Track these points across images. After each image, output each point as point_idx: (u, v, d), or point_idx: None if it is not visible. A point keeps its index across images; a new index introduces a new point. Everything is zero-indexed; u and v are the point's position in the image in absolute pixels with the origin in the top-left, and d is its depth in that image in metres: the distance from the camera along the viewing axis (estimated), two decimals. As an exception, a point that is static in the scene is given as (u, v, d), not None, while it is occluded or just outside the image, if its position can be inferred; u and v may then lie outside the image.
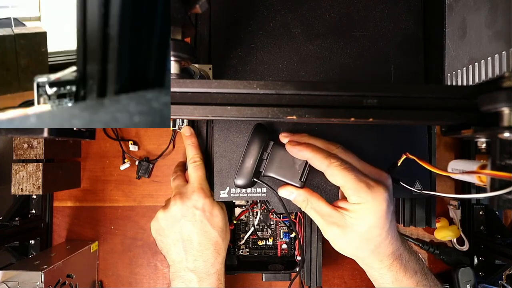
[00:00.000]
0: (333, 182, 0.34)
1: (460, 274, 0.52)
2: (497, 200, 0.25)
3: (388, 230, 0.33)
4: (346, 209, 0.34)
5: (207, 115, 0.27)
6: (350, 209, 0.33)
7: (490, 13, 0.31)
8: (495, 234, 0.51)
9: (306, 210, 0.37)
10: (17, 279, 0.41)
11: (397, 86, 0.27)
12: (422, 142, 0.45)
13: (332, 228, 0.34)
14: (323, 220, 0.35)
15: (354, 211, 0.33)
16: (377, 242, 0.33)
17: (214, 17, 0.46)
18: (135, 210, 0.56)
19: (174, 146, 0.56)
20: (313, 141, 0.37)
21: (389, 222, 0.33)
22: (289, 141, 0.37)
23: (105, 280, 0.56)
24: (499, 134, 0.24)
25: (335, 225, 0.34)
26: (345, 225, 0.33)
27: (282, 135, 0.39)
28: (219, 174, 0.43)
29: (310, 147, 0.35)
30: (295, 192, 0.37)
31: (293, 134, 0.39)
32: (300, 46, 0.45)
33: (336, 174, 0.33)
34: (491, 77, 0.29)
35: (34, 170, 0.48)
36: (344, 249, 0.35)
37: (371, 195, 0.32)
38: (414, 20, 0.46)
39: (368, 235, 0.33)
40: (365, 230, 0.33)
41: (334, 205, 0.35)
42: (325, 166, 0.34)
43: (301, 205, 0.37)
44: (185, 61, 0.31)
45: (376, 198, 0.32)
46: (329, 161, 0.33)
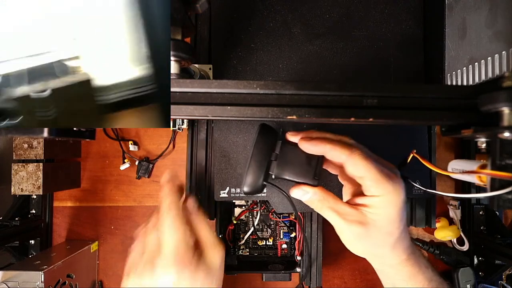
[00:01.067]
0: (353, 173, 0.32)
1: (460, 274, 0.52)
2: (497, 200, 0.25)
3: (404, 222, 0.32)
4: (365, 205, 0.32)
5: (207, 115, 0.27)
6: (369, 204, 0.31)
7: (490, 13, 0.31)
8: (495, 234, 0.51)
9: (321, 211, 0.34)
10: (17, 279, 0.41)
11: (397, 86, 0.27)
12: (422, 142, 0.45)
13: (353, 227, 0.32)
14: (342, 220, 0.32)
15: (374, 206, 0.31)
16: (396, 236, 0.32)
17: (214, 17, 0.46)
18: (135, 210, 0.56)
19: (174, 146, 0.56)
20: (325, 135, 0.35)
21: (404, 214, 0.32)
22: (302, 138, 0.35)
23: (105, 280, 0.56)
24: (499, 134, 0.24)
25: (356, 224, 0.32)
26: (367, 222, 0.31)
27: (290, 133, 0.37)
28: (219, 174, 0.43)
29: (326, 140, 0.33)
30: (310, 191, 0.34)
31: (300, 132, 0.36)
32: (300, 46, 0.45)
33: (358, 164, 0.31)
34: (491, 77, 0.29)
35: (34, 170, 0.48)
36: (363, 249, 0.33)
37: (392, 186, 0.31)
38: (414, 20, 0.46)
39: (389, 229, 0.31)
40: (387, 224, 0.31)
41: (350, 203, 0.33)
42: (346, 156, 0.31)
43: (316, 205, 0.34)
44: (185, 61, 0.31)
45: (396, 189, 0.31)
46: (351, 151, 0.31)
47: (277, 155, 0.36)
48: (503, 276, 0.53)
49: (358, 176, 0.32)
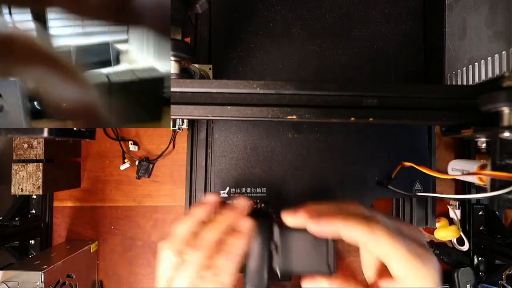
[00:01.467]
0: (376, 253, 0.26)
1: (460, 274, 0.52)
2: (497, 200, 0.25)
3: None
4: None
5: (207, 115, 0.27)
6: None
7: (490, 13, 0.31)
8: (495, 234, 0.51)
9: None
10: (17, 279, 0.41)
11: (397, 86, 0.27)
12: (422, 142, 0.45)
13: None
14: None
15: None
16: None
17: (214, 17, 0.46)
18: (135, 210, 0.56)
19: (174, 146, 0.56)
20: (327, 207, 0.28)
21: None
22: (308, 218, 0.28)
23: (105, 280, 0.56)
24: (499, 134, 0.24)
25: None
26: None
27: (286, 214, 0.29)
28: (219, 174, 0.43)
29: (336, 216, 0.27)
30: (325, 283, 0.28)
31: (298, 210, 0.29)
32: (300, 46, 0.45)
33: (381, 242, 0.25)
34: (491, 77, 0.29)
35: (34, 170, 0.48)
36: None
37: (424, 268, 0.25)
38: (414, 20, 0.46)
39: None
40: None
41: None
42: (366, 235, 0.25)
43: None
44: (185, 61, 0.31)
45: (429, 271, 0.25)
46: (369, 226, 0.25)
47: (277, 246, 0.29)
48: (503, 276, 0.53)
49: (382, 256, 0.26)
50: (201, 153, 0.49)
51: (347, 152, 0.45)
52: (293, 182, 0.45)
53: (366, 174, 0.45)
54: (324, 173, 0.45)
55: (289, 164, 0.45)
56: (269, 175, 0.45)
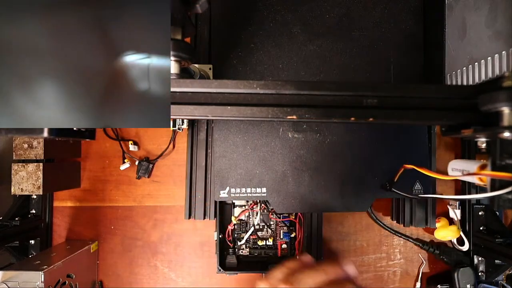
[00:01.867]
0: None
1: (460, 274, 0.52)
2: (497, 200, 0.25)
3: None
4: None
5: (207, 115, 0.27)
6: None
7: (490, 13, 0.31)
8: (495, 234, 0.51)
9: None
10: (17, 279, 0.41)
11: (397, 86, 0.27)
12: (422, 142, 0.45)
13: None
14: None
15: None
16: None
17: (214, 17, 0.46)
18: (135, 210, 0.56)
19: (174, 146, 0.56)
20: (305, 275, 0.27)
21: None
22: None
23: (105, 280, 0.56)
24: (499, 134, 0.24)
25: None
26: None
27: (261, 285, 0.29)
28: (219, 174, 0.43)
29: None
30: None
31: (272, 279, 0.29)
32: (300, 46, 0.45)
33: None
34: (491, 77, 0.30)
35: (34, 170, 0.48)
36: None
37: None
38: (414, 20, 0.46)
39: None
40: None
41: None
42: None
43: None
44: (185, 61, 0.31)
45: None
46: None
47: None
48: (503, 276, 0.53)
49: None
50: (201, 153, 0.49)
51: (347, 152, 0.45)
52: (293, 182, 0.45)
53: (366, 174, 0.45)
54: (324, 173, 0.46)
55: (289, 164, 0.45)
56: (269, 175, 0.45)
